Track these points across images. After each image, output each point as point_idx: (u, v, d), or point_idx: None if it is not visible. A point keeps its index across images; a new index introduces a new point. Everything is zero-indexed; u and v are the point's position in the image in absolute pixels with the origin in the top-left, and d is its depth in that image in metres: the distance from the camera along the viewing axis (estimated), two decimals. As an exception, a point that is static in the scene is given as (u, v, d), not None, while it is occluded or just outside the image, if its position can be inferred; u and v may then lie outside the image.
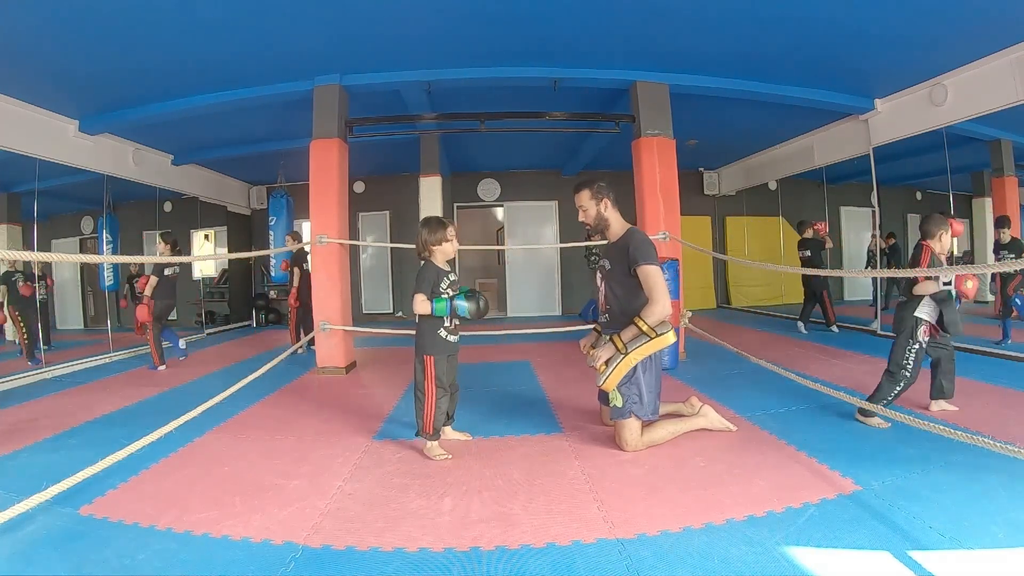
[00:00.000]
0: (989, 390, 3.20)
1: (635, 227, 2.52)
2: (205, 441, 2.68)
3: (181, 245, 7.27)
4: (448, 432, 2.64)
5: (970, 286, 2.52)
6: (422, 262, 2.45)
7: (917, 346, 2.58)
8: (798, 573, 1.44)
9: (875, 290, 5.70)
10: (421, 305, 2.33)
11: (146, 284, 4.63)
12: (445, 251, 2.44)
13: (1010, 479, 1.93)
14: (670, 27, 3.69)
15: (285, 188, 6.96)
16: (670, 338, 2.33)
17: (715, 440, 2.50)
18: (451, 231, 2.45)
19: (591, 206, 2.51)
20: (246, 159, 6.85)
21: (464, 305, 2.32)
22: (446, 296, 2.35)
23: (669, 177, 4.56)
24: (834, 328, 5.77)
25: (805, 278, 5.88)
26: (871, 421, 2.61)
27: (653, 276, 2.31)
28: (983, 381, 3.39)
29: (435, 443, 2.41)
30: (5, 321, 4.92)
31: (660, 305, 2.28)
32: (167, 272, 4.68)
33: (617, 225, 2.53)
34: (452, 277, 2.45)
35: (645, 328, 2.29)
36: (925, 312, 2.58)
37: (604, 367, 2.36)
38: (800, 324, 5.84)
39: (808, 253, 5.90)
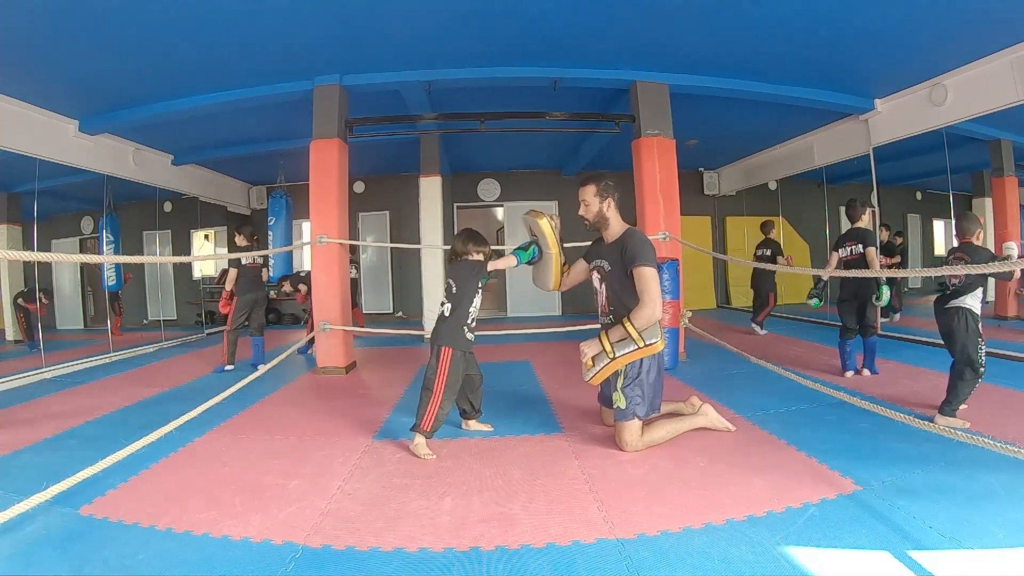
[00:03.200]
0: (989, 390, 3.19)
1: (634, 228, 2.52)
2: (205, 441, 2.68)
3: (181, 245, 7.34)
4: (472, 425, 2.72)
5: None
6: (462, 260, 2.58)
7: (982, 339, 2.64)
8: (798, 573, 1.44)
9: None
10: (508, 259, 2.59)
11: (224, 278, 4.54)
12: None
13: (1010, 479, 1.93)
14: (670, 27, 3.69)
15: (285, 188, 6.95)
16: (659, 346, 2.32)
17: (715, 440, 2.50)
18: (488, 251, 2.60)
19: (595, 202, 2.50)
20: (246, 159, 6.85)
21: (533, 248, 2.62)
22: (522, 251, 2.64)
23: (669, 177, 4.56)
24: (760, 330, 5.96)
25: (756, 279, 6.10)
26: (954, 422, 2.58)
27: (647, 278, 2.29)
28: (983, 381, 3.38)
29: (424, 441, 2.41)
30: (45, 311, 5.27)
31: (650, 309, 2.26)
32: (245, 262, 4.48)
33: (616, 226, 2.52)
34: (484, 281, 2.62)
35: (634, 334, 2.28)
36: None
37: (591, 363, 2.37)
38: (755, 326, 5.99)
39: (768, 252, 6.02)
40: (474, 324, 2.55)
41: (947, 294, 2.74)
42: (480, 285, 2.57)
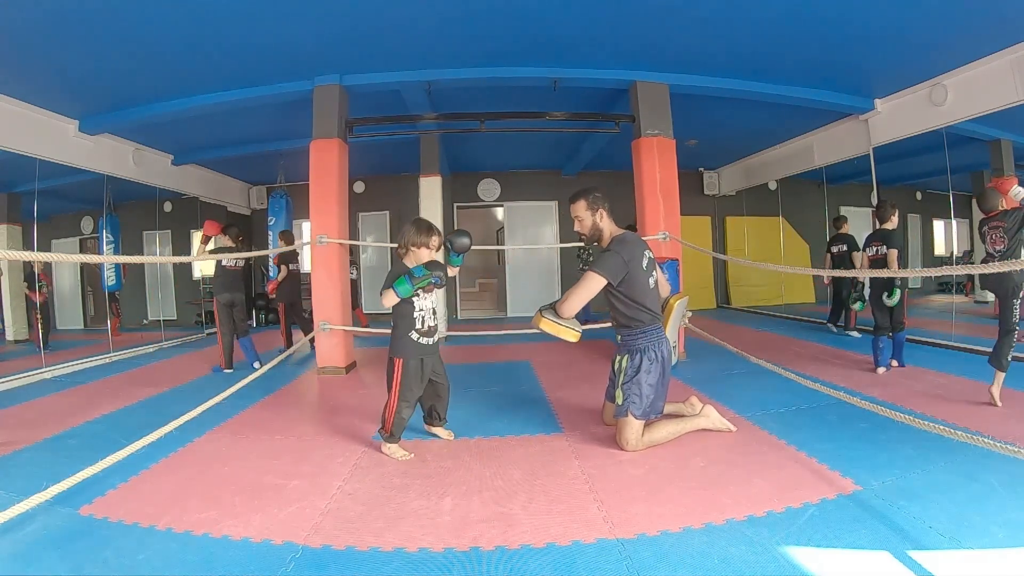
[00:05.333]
0: (988, 390, 3.20)
1: (620, 236, 2.46)
2: (205, 441, 2.68)
3: (181, 245, 7.34)
4: (436, 430, 2.67)
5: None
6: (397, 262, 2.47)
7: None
8: (798, 573, 1.44)
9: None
10: (388, 298, 2.30)
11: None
12: (419, 256, 2.40)
13: (1010, 479, 1.93)
14: (670, 27, 3.69)
15: (285, 188, 6.96)
16: (567, 334, 2.34)
17: (715, 440, 2.50)
18: (435, 241, 2.43)
19: (587, 217, 2.49)
20: (246, 159, 6.85)
21: (419, 273, 2.26)
22: (408, 280, 2.26)
23: (669, 177, 4.55)
24: (853, 333, 5.54)
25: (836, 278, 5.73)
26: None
27: (582, 279, 2.37)
28: (983, 381, 3.39)
29: (394, 445, 2.41)
30: (45, 300, 5.42)
31: (565, 304, 2.33)
32: (226, 263, 4.53)
33: (608, 234, 2.51)
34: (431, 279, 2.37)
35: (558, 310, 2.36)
36: None
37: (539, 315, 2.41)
38: (831, 326, 5.77)
39: (845, 248, 5.62)
40: (426, 328, 2.41)
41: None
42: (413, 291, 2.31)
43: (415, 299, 2.38)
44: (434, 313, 2.48)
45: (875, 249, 3.82)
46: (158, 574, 1.53)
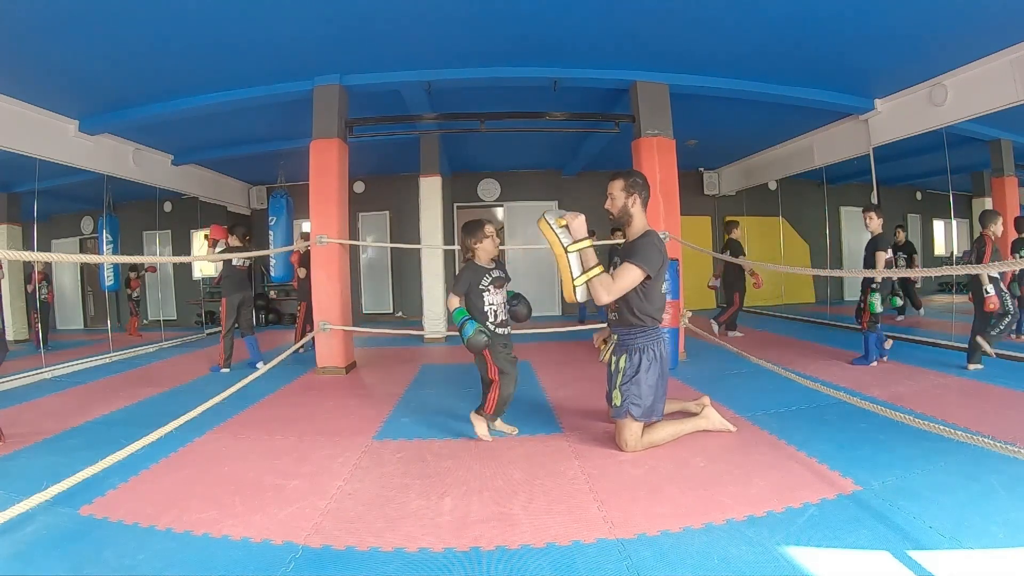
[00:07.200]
0: (989, 390, 3.21)
1: (654, 231, 2.47)
2: (205, 441, 2.68)
3: (181, 245, 7.34)
4: (498, 424, 2.73)
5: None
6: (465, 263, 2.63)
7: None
8: (798, 573, 1.44)
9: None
10: (451, 302, 2.56)
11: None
12: (486, 249, 2.60)
13: (1010, 479, 1.93)
14: (670, 27, 3.70)
15: (285, 188, 6.95)
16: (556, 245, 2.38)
17: (715, 440, 2.50)
18: (489, 228, 2.61)
19: (620, 197, 2.49)
20: (246, 159, 6.85)
21: (466, 334, 2.44)
22: (485, 306, 2.55)
23: (669, 177, 4.56)
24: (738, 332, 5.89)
25: (728, 280, 6.02)
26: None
27: (625, 271, 2.32)
28: (982, 381, 3.40)
29: (486, 425, 2.60)
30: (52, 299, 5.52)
31: (604, 289, 2.29)
32: (236, 263, 4.53)
33: (639, 225, 2.50)
34: (495, 274, 2.61)
35: (584, 264, 2.37)
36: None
37: (603, 344, 2.59)
38: (714, 324, 5.94)
39: (728, 253, 5.98)
40: (499, 321, 2.58)
41: None
42: (483, 286, 2.55)
43: (485, 295, 2.56)
44: (504, 307, 2.65)
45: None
46: (158, 574, 1.53)
